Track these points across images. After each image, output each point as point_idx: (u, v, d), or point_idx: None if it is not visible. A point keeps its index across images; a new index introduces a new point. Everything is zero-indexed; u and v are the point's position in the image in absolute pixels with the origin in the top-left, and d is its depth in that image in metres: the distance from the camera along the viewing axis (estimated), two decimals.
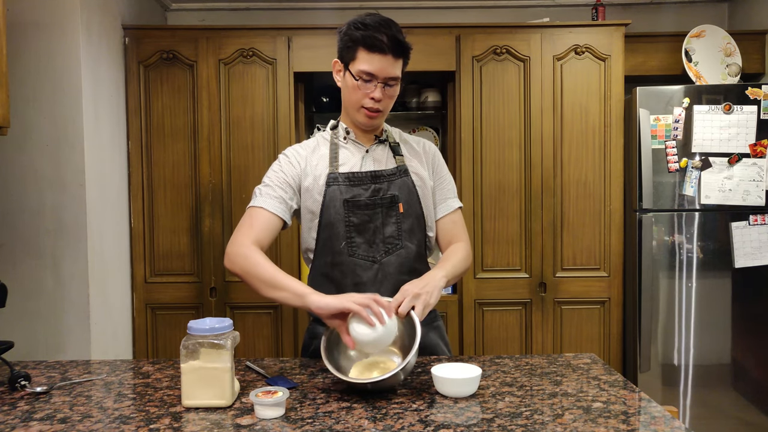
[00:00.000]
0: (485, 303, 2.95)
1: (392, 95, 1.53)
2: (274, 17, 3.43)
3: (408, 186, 1.57)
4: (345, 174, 1.55)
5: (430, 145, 1.70)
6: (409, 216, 1.57)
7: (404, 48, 1.49)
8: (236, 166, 2.91)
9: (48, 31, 2.42)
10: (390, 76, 1.48)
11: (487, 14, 3.47)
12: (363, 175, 1.55)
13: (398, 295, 1.37)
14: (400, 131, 1.70)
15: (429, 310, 1.37)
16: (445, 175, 1.68)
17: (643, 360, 2.85)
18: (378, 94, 1.49)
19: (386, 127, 1.65)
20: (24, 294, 2.42)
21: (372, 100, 1.50)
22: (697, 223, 2.85)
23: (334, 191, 1.53)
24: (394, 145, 1.62)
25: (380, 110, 1.52)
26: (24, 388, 1.34)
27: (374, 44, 1.45)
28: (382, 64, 1.46)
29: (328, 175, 1.55)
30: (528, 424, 1.13)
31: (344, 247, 1.54)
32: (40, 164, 2.43)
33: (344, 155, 1.59)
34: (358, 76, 1.49)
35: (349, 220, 1.53)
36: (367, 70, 1.47)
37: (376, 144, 1.61)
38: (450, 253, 1.60)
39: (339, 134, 1.61)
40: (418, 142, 1.69)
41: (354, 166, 1.57)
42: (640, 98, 2.83)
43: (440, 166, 1.69)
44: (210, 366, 1.22)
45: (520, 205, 2.93)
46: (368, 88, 1.50)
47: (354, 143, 1.60)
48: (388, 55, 1.46)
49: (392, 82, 1.50)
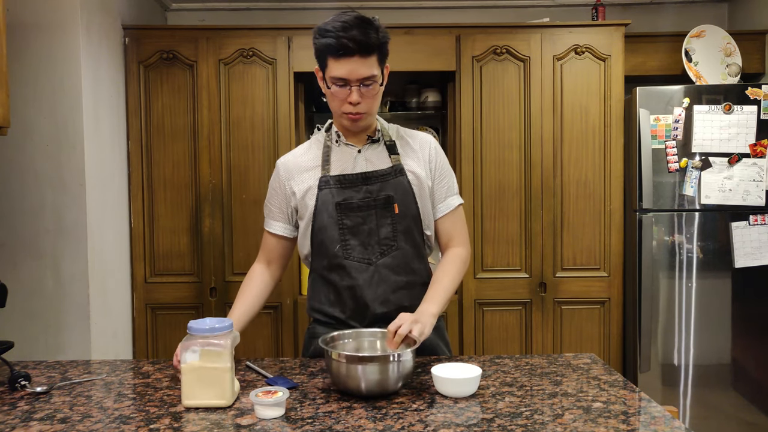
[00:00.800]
0: (485, 303, 2.95)
1: (373, 94, 1.49)
2: (274, 17, 3.43)
3: (404, 186, 1.55)
4: (336, 177, 1.54)
5: (430, 140, 1.64)
6: (404, 216, 1.55)
7: (371, 45, 1.42)
8: (236, 166, 2.91)
9: (48, 32, 2.42)
10: (363, 76, 1.44)
11: (487, 14, 3.47)
12: (354, 177, 1.54)
13: (396, 320, 1.36)
14: (398, 127, 1.65)
15: (423, 338, 1.36)
16: (445, 172, 1.63)
17: (643, 360, 2.85)
18: (355, 97, 1.46)
19: (382, 125, 1.62)
20: (24, 294, 2.42)
21: (350, 104, 1.48)
22: (697, 223, 2.85)
23: (326, 194, 1.53)
24: (390, 144, 1.59)
25: (362, 112, 1.49)
26: (24, 388, 1.34)
27: (339, 49, 1.41)
28: (350, 66, 1.43)
29: (320, 179, 1.54)
30: (528, 424, 1.13)
31: (339, 250, 1.53)
32: (40, 164, 2.43)
33: (336, 158, 1.57)
34: (332, 83, 1.47)
35: (343, 222, 1.53)
36: (338, 76, 1.45)
37: (369, 144, 1.58)
38: (441, 273, 1.57)
39: (331, 137, 1.60)
40: (416, 138, 1.64)
41: (345, 168, 1.55)
42: (640, 98, 2.83)
43: (440, 161, 1.63)
44: (210, 366, 1.22)
45: (520, 205, 2.93)
46: (344, 92, 1.47)
47: (345, 145, 1.58)
48: (354, 57, 1.42)
49: (368, 82, 1.46)
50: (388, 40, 1.49)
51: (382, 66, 1.50)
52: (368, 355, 1.28)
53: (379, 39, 1.45)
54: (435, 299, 1.48)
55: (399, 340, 1.33)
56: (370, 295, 1.53)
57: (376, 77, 1.47)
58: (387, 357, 1.25)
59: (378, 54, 1.46)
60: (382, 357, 1.26)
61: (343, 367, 1.25)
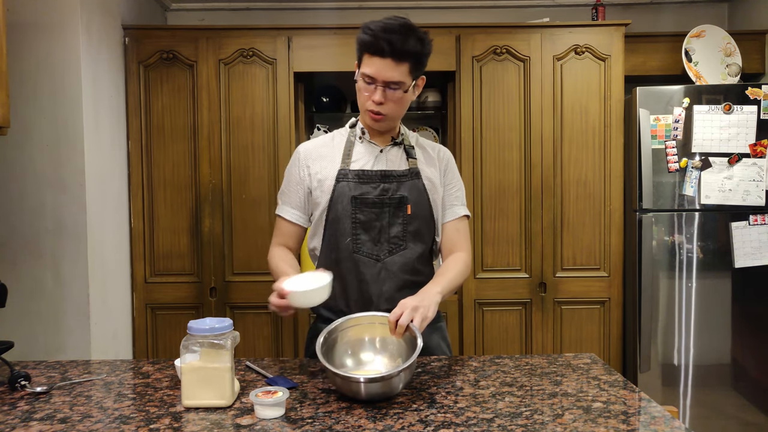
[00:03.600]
0: (485, 303, 2.95)
1: (396, 99, 1.52)
2: (274, 17, 3.43)
3: (418, 188, 1.59)
4: (355, 171, 1.57)
5: (445, 152, 1.70)
6: (416, 218, 1.58)
7: (406, 52, 1.47)
8: (236, 166, 2.91)
9: (48, 32, 2.42)
10: (389, 79, 1.48)
11: (487, 14, 3.47)
12: (373, 173, 1.57)
13: (396, 308, 1.36)
14: (417, 136, 1.71)
15: (427, 324, 1.37)
16: (455, 182, 1.69)
17: (643, 360, 2.85)
18: (378, 96, 1.50)
19: (404, 131, 1.67)
20: (24, 294, 2.42)
21: (373, 102, 1.51)
22: (697, 223, 2.85)
23: (342, 187, 1.56)
24: (409, 148, 1.63)
25: (383, 113, 1.53)
26: (24, 388, 1.34)
27: (375, 48, 1.46)
28: (380, 67, 1.47)
29: (339, 171, 1.57)
30: (528, 424, 1.13)
31: (349, 243, 1.55)
32: (40, 164, 2.43)
33: (358, 153, 1.61)
34: (362, 78, 1.52)
35: (356, 217, 1.55)
36: (367, 73, 1.49)
37: (391, 145, 1.63)
38: (448, 265, 1.60)
39: (356, 133, 1.63)
40: (433, 148, 1.70)
41: (366, 165, 1.59)
42: (640, 98, 2.83)
43: (452, 171, 1.69)
44: (210, 366, 1.22)
45: (520, 205, 2.93)
46: (369, 89, 1.52)
47: (369, 143, 1.62)
48: (387, 59, 1.46)
49: (394, 86, 1.49)
50: (427, 52, 1.52)
51: (414, 75, 1.52)
52: (371, 377, 1.22)
53: (418, 49, 1.48)
54: (440, 282, 1.51)
55: (401, 330, 1.33)
56: (375, 290, 1.55)
57: (404, 84, 1.50)
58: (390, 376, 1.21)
59: (412, 62, 1.49)
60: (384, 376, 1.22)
61: (345, 384, 1.25)
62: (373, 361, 1.39)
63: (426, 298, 1.41)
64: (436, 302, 1.42)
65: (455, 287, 1.57)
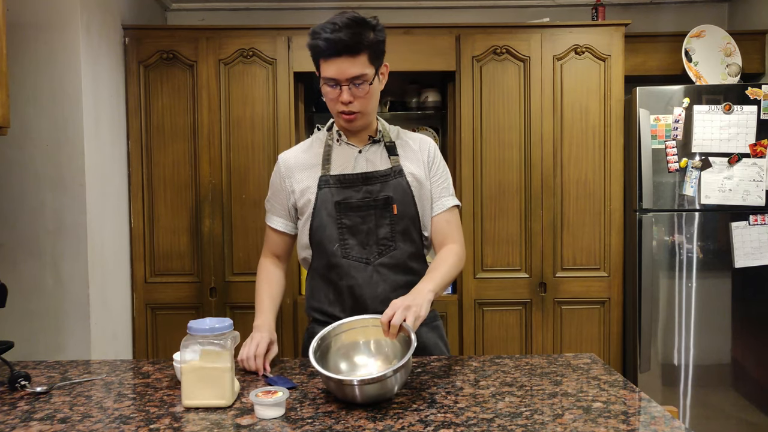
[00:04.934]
0: (485, 303, 2.95)
1: (364, 94, 1.48)
2: (274, 17, 3.43)
3: (402, 187, 1.56)
4: (336, 176, 1.55)
5: (429, 143, 1.65)
6: (403, 217, 1.56)
7: (359, 45, 1.42)
8: (236, 166, 2.91)
9: (48, 32, 2.42)
10: (351, 76, 1.44)
11: (487, 14, 3.47)
12: (354, 176, 1.55)
13: (388, 309, 1.33)
14: (399, 129, 1.67)
15: (420, 322, 1.34)
16: (441, 173, 1.64)
17: (643, 360, 2.84)
18: (346, 96, 1.47)
19: (383, 126, 1.63)
20: (24, 294, 2.42)
21: (342, 103, 1.48)
22: (697, 223, 2.85)
23: (325, 194, 1.54)
24: (390, 145, 1.60)
25: (355, 112, 1.50)
26: (24, 388, 1.34)
27: (328, 50, 1.43)
28: (339, 66, 1.44)
29: (320, 178, 1.55)
30: (528, 424, 1.13)
31: (337, 249, 1.54)
32: (40, 164, 2.43)
33: (337, 157, 1.58)
34: (325, 84, 1.49)
35: (342, 222, 1.53)
36: (329, 76, 1.46)
37: (370, 144, 1.60)
38: (439, 260, 1.55)
39: (333, 136, 1.61)
40: (415, 140, 1.65)
41: (346, 168, 1.56)
42: (640, 98, 2.83)
43: (437, 163, 1.64)
44: (210, 366, 1.22)
45: (520, 205, 2.93)
46: (335, 92, 1.48)
47: (347, 145, 1.59)
48: (343, 57, 1.43)
49: (358, 81, 1.46)
50: (382, 38, 1.48)
51: (375, 65, 1.49)
52: (364, 378, 1.20)
53: (371, 38, 1.45)
54: (432, 279, 1.47)
55: (395, 331, 1.31)
56: (369, 294, 1.54)
57: (367, 76, 1.47)
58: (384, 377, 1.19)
59: (369, 53, 1.46)
60: (379, 377, 1.19)
61: (339, 389, 1.23)
62: (368, 365, 1.37)
63: (418, 297, 1.38)
64: (429, 300, 1.39)
65: (448, 282, 1.53)
